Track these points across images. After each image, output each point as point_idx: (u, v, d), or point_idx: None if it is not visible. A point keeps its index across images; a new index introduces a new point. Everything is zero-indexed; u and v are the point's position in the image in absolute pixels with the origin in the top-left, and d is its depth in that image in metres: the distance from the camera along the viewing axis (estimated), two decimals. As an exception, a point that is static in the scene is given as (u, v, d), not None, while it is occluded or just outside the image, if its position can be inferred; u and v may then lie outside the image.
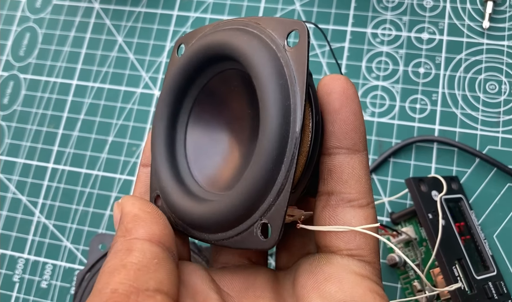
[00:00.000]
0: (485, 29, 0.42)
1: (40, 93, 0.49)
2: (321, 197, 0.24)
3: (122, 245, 0.20)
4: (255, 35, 0.22)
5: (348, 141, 0.23)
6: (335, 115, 0.23)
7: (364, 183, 0.23)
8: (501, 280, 0.35)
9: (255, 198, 0.21)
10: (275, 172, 0.21)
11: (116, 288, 0.18)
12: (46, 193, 0.46)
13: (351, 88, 0.23)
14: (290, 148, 0.20)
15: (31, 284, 0.43)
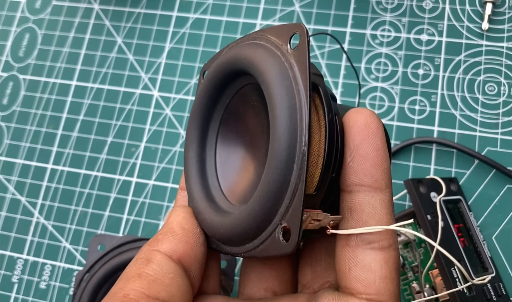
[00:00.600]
0: (484, 31, 0.43)
1: (40, 94, 0.49)
2: (341, 235, 0.23)
3: (145, 253, 0.22)
4: (261, 45, 0.23)
5: (368, 179, 0.22)
6: (355, 150, 0.22)
7: (385, 224, 0.22)
8: (500, 282, 0.35)
9: (272, 202, 0.21)
10: (288, 173, 0.20)
11: (128, 293, 0.20)
12: (45, 193, 0.46)
13: (374, 122, 0.23)
14: (300, 146, 0.20)
15: (30, 284, 0.43)
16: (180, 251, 0.22)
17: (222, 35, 0.47)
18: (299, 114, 0.21)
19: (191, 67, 0.47)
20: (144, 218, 0.43)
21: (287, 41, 0.22)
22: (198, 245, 0.23)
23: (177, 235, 0.23)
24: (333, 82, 0.44)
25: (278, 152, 0.21)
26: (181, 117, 0.45)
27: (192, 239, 0.23)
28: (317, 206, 0.22)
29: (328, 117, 0.22)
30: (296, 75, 0.21)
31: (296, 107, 0.21)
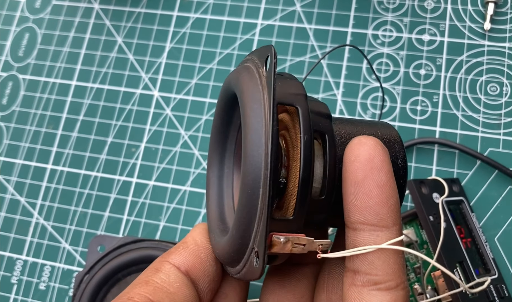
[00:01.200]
0: (486, 31, 0.42)
1: (39, 94, 0.49)
2: (347, 273, 0.22)
3: (155, 263, 0.23)
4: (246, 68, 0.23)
5: (373, 217, 0.21)
6: (358, 187, 0.21)
7: (392, 264, 0.21)
8: (502, 283, 0.35)
9: (244, 226, 0.21)
10: (255, 197, 0.20)
11: (132, 297, 0.21)
12: (44, 194, 0.45)
13: (379, 155, 0.21)
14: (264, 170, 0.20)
15: (30, 285, 0.43)
16: (189, 263, 0.23)
17: (222, 35, 0.47)
18: (265, 138, 0.20)
19: (192, 67, 0.47)
20: (144, 219, 0.43)
21: (264, 63, 0.22)
22: (209, 260, 0.24)
23: (189, 248, 0.24)
24: (334, 83, 0.43)
25: (245, 176, 0.20)
26: (181, 117, 0.45)
27: (203, 254, 0.24)
28: (298, 230, 0.21)
29: (303, 138, 0.21)
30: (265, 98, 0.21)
31: (262, 131, 0.20)
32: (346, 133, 0.23)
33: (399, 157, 0.24)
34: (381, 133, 0.24)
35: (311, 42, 0.45)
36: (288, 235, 0.20)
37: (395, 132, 0.25)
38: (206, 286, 0.24)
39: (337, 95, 0.43)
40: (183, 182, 0.43)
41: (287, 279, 0.26)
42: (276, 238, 0.20)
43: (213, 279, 0.24)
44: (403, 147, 0.25)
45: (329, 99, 0.43)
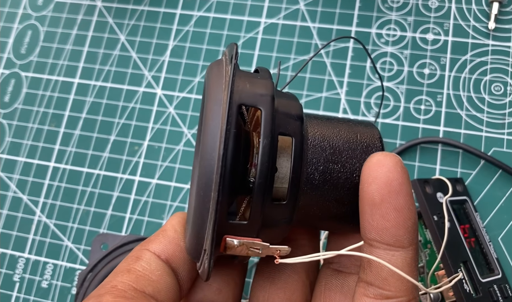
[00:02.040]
0: (491, 30, 0.42)
1: (42, 92, 0.49)
2: (360, 283, 0.22)
3: (135, 252, 0.23)
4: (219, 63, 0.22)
5: (389, 238, 0.21)
6: (374, 209, 0.21)
7: (406, 282, 0.21)
8: (506, 283, 0.35)
9: (197, 227, 0.20)
10: (206, 200, 0.20)
11: (116, 285, 0.21)
12: (47, 192, 0.45)
13: (398, 178, 0.20)
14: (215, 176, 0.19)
15: (32, 283, 0.43)
16: (169, 251, 0.23)
17: (226, 33, 0.47)
18: (219, 140, 0.19)
19: (195, 65, 0.47)
20: (147, 217, 0.43)
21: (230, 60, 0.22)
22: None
23: (168, 236, 0.23)
24: (338, 81, 0.43)
25: (199, 177, 0.20)
26: (184, 115, 0.45)
27: (182, 242, 0.23)
28: (253, 234, 0.21)
29: (262, 143, 0.20)
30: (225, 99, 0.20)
31: (217, 133, 0.20)
32: (321, 135, 0.23)
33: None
34: (360, 136, 0.23)
35: (314, 41, 0.45)
36: (243, 239, 0.20)
37: (376, 134, 0.24)
38: (186, 274, 0.23)
39: (341, 94, 0.43)
40: (186, 180, 0.43)
41: (277, 275, 0.26)
42: (230, 241, 0.20)
43: (193, 267, 0.24)
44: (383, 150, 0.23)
45: (333, 98, 0.43)
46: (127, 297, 0.20)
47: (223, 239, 0.20)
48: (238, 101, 0.20)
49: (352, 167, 0.22)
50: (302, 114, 0.22)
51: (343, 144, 0.23)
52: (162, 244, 0.23)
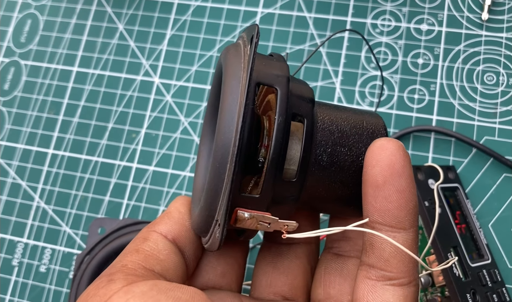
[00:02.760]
0: (484, 21, 0.43)
1: (41, 80, 0.49)
2: (362, 266, 0.23)
3: (142, 233, 0.24)
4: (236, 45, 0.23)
5: (391, 220, 0.21)
6: (377, 191, 0.21)
7: (408, 262, 0.22)
8: (495, 268, 0.36)
9: (211, 199, 0.21)
10: (222, 172, 0.21)
11: (126, 264, 0.21)
12: (45, 178, 0.46)
13: (400, 161, 0.21)
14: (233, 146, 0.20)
15: (30, 268, 0.43)
16: (175, 231, 0.24)
17: (223, 23, 0.48)
18: (238, 115, 0.20)
19: (192, 54, 0.47)
20: (144, 203, 0.43)
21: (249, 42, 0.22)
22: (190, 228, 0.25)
23: (173, 217, 0.24)
24: (333, 71, 0.44)
25: (215, 150, 0.21)
26: (181, 104, 0.46)
27: (187, 222, 0.24)
28: (263, 208, 0.22)
29: (277, 120, 0.21)
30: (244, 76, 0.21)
31: (236, 108, 0.20)
32: (330, 119, 0.23)
33: None
34: (366, 123, 0.24)
35: (310, 30, 0.46)
36: (253, 212, 0.21)
37: (381, 124, 0.25)
38: (192, 253, 0.24)
39: (336, 83, 0.43)
40: (182, 167, 0.44)
41: (279, 260, 0.26)
42: (241, 213, 0.21)
43: (198, 247, 0.25)
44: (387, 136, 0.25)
45: (328, 87, 0.44)
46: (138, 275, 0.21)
47: (235, 211, 0.21)
48: (256, 80, 0.21)
49: (358, 151, 0.23)
50: (313, 98, 0.24)
51: (350, 129, 0.24)
52: (168, 225, 0.24)
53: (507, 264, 0.37)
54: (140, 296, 0.19)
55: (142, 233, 0.24)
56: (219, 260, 0.25)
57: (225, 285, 0.26)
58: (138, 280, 0.20)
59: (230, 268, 0.26)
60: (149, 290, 0.19)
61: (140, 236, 0.24)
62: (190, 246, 0.24)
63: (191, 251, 0.24)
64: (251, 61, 0.21)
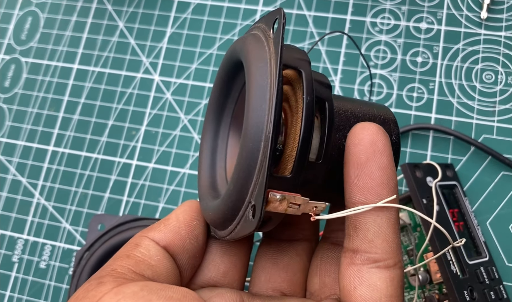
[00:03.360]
0: (483, 20, 0.43)
1: (41, 77, 0.50)
2: (346, 253, 0.23)
3: (134, 239, 0.24)
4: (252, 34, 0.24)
5: (374, 198, 0.22)
6: (360, 169, 0.22)
7: (391, 242, 0.22)
8: (492, 266, 0.36)
9: (242, 180, 0.21)
10: (255, 150, 0.20)
11: (115, 268, 0.21)
12: (46, 175, 0.46)
13: (382, 139, 0.22)
14: (267, 124, 0.20)
15: (30, 264, 0.44)
16: (168, 239, 0.24)
17: (223, 21, 0.48)
18: (270, 93, 0.20)
19: (192, 52, 0.47)
20: (144, 200, 0.43)
21: (271, 27, 0.22)
22: (189, 237, 0.24)
23: (169, 225, 0.24)
24: (332, 69, 0.44)
25: (247, 130, 0.21)
26: (181, 101, 0.46)
27: (183, 231, 0.24)
28: (294, 189, 0.21)
29: (306, 99, 0.21)
30: (272, 56, 0.21)
31: (266, 87, 0.21)
32: (344, 106, 0.24)
33: (393, 133, 0.25)
34: (377, 111, 0.25)
35: (310, 29, 0.46)
36: (285, 193, 0.21)
37: (390, 112, 0.26)
38: (185, 262, 0.24)
39: (335, 82, 0.44)
40: (182, 164, 0.44)
41: (279, 256, 0.26)
42: (273, 195, 0.20)
43: (193, 256, 0.24)
44: (397, 125, 0.25)
45: (327, 85, 0.44)
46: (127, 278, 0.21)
47: (267, 192, 0.20)
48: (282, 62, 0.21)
49: None
50: (331, 84, 0.24)
51: (363, 115, 0.24)
52: (162, 232, 0.24)
53: (505, 262, 0.37)
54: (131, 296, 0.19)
55: (134, 239, 0.24)
56: (223, 258, 0.25)
57: (226, 284, 0.26)
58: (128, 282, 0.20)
59: (233, 266, 0.26)
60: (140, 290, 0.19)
61: (132, 242, 0.23)
62: (183, 255, 0.24)
63: (185, 260, 0.24)
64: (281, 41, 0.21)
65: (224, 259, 0.25)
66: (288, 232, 0.27)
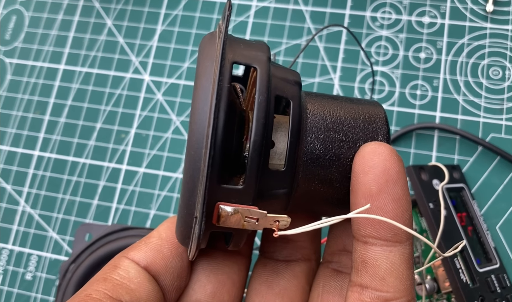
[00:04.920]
0: (489, 13, 0.41)
1: (27, 78, 0.47)
2: (353, 287, 0.20)
3: (113, 261, 0.22)
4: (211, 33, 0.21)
5: (386, 232, 0.19)
6: (372, 201, 0.19)
7: (405, 280, 0.19)
8: (504, 273, 0.34)
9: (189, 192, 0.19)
10: (197, 159, 0.18)
11: (90, 293, 0.20)
12: (31, 181, 0.44)
13: (395, 166, 0.19)
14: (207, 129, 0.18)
15: (16, 276, 0.42)
16: (149, 258, 0.22)
17: (216, 17, 0.46)
18: (212, 94, 0.18)
19: (184, 50, 0.45)
20: (134, 207, 0.41)
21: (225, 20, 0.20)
22: (173, 255, 0.22)
23: (150, 243, 0.22)
24: (331, 66, 0.42)
25: (189, 136, 0.19)
26: (173, 102, 0.44)
27: (166, 249, 0.22)
28: (248, 201, 0.19)
29: (257, 99, 0.19)
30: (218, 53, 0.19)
31: (209, 88, 0.18)
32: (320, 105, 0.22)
33: (380, 133, 0.22)
34: (362, 108, 0.22)
35: (307, 24, 0.44)
36: (237, 206, 0.19)
37: (379, 109, 0.23)
38: (169, 283, 0.22)
39: (334, 79, 0.42)
40: (174, 168, 0.42)
41: (275, 280, 0.24)
42: (224, 208, 0.18)
43: (178, 276, 0.22)
44: (387, 123, 0.22)
45: (326, 84, 0.42)
46: None
47: (216, 206, 0.18)
48: (231, 59, 0.19)
49: (355, 136, 0.21)
50: (299, 81, 0.21)
51: (344, 113, 0.22)
52: (142, 251, 0.22)
53: (516, 268, 0.35)
54: None
55: (113, 260, 0.22)
56: (210, 277, 0.23)
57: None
58: None
59: (221, 286, 0.23)
60: None
61: (111, 263, 0.22)
62: (166, 275, 0.22)
63: (168, 281, 0.22)
64: (224, 35, 0.19)
65: (211, 278, 0.23)
66: (286, 251, 0.25)
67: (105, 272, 0.21)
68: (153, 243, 0.22)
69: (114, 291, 0.20)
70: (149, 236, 0.23)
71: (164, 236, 0.22)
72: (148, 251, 0.22)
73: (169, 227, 0.23)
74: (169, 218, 0.24)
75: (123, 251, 0.22)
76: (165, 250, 0.22)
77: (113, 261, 0.22)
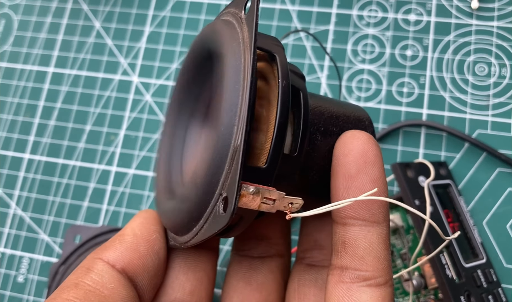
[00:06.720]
0: (474, 10, 0.41)
1: (16, 82, 0.47)
2: (333, 270, 0.21)
3: (87, 262, 0.20)
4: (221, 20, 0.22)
5: (365, 212, 0.20)
6: (350, 181, 0.20)
7: (383, 259, 0.20)
8: (490, 268, 0.34)
9: (213, 169, 0.19)
10: (228, 135, 0.18)
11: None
12: (22, 184, 0.44)
13: (373, 149, 0.20)
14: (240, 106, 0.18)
15: (7, 278, 0.42)
16: (125, 259, 0.21)
17: (204, 18, 0.46)
18: (243, 74, 0.19)
19: (172, 51, 0.45)
20: (125, 208, 0.41)
21: (242, 9, 0.21)
22: (150, 254, 0.21)
23: (126, 242, 0.21)
24: (318, 65, 0.42)
25: (218, 113, 0.19)
26: (162, 103, 0.44)
27: (142, 247, 0.21)
28: (269, 182, 0.19)
29: (282, 83, 0.19)
30: (245, 36, 0.19)
31: (240, 67, 0.19)
32: (317, 101, 0.23)
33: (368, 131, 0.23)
34: (351, 109, 0.24)
35: (294, 24, 0.44)
36: (259, 186, 0.18)
37: (364, 111, 0.24)
38: (146, 283, 0.21)
39: (322, 79, 0.42)
40: (164, 169, 0.42)
41: (253, 275, 0.24)
42: (246, 188, 0.18)
43: (155, 274, 0.22)
44: (372, 124, 0.24)
45: (314, 83, 0.42)
46: None
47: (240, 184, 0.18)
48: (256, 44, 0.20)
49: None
50: (304, 75, 0.23)
51: (338, 111, 0.23)
52: (117, 251, 0.21)
53: (503, 263, 0.35)
54: None
55: (86, 261, 0.21)
56: (188, 275, 0.23)
57: None
58: None
59: (199, 284, 0.23)
60: None
61: (83, 265, 0.20)
62: (144, 275, 0.21)
63: (146, 281, 0.21)
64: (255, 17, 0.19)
65: (189, 276, 0.23)
66: (261, 248, 0.25)
67: (77, 276, 0.20)
68: (128, 241, 0.21)
69: (86, 298, 0.19)
70: (122, 233, 0.22)
71: (139, 233, 0.22)
72: (123, 251, 0.21)
73: (142, 223, 0.22)
74: (140, 213, 0.23)
75: (95, 250, 0.21)
76: (141, 248, 0.21)
77: (86, 263, 0.21)
